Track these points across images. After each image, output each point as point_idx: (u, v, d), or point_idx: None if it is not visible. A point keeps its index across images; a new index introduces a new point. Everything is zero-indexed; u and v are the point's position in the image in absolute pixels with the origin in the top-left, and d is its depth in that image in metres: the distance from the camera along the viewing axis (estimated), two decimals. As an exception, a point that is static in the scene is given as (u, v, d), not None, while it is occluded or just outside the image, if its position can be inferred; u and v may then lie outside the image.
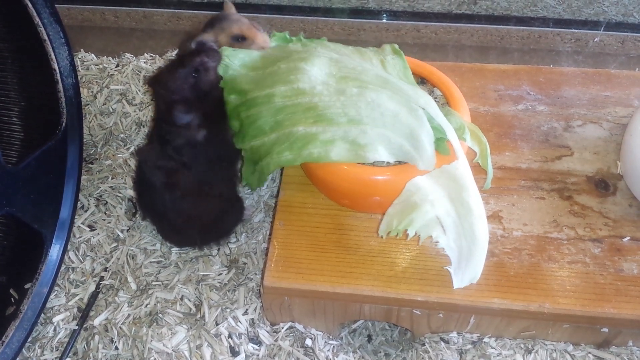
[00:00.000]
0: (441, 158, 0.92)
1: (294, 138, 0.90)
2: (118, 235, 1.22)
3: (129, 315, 1.09)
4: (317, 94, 0.90)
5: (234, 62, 0.98)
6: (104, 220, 1.25)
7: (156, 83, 0.97)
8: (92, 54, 1.66)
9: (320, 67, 0.92)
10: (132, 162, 1.34)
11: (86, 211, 1.26)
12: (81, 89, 1.35)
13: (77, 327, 1.09)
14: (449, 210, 0.89)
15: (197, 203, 1.03)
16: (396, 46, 1.02)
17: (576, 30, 1.70)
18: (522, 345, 0.99)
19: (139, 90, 1.52)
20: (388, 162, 0.92)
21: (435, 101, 1.04)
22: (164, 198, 1.03)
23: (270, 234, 1.01)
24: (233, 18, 1.06)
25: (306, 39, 1.06)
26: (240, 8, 1.15)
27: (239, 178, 1.10)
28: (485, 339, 1.00)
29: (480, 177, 0.98)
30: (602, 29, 1.69)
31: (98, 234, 1.22)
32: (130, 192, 1.29)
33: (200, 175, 1.01)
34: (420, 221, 0.89)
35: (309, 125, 0.89)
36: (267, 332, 1.05)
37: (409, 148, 0.88)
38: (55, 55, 1.08)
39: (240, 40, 1.06)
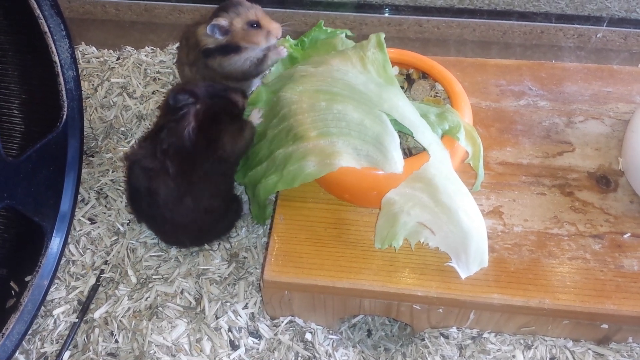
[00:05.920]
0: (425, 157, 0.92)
1: (277, 161, 0.95)
2: (118, 228, 1.22)
3: (129, 308, 1.09)
4: (291, 114, 0.95)
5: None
6: (105, 213, 1.25)
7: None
8: (93, 47, 1.66)
9: (293, 88, 0.97)
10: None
11: (87, 204, 1.26)
12: (82, 82, 1.36)
13: (77, 320, 1.09)
14: (427, 213, 0.90)
15: (179, 211, 1.03)
16: (382, 37, 1.00)
17: (579, 26, 1.69)
18: (521, 341, 0.99)
19: (140, 83, 1.52)
20: None
21: (437, 96, 1.04)
22: (148, 200, 1.03)
23: (270, 229, 1.01)
24: (247, 4, 1.08)
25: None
26: (242, 1, 1.15)
27: (232, 187, 1.13)
28: (485, 335, 1.00)
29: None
30: (604, 24, 1.69)
31: (98, 227, 1.23)
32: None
33: (183, 185, 1.00)
34: (403, 232, 0.91)
35: (287, 146, 0.94)
36: (267, 326, 1.05)
37: (375, 153, 0.90)
38: (56, 48, 1.08)
39: (255, 27, 1.07)
